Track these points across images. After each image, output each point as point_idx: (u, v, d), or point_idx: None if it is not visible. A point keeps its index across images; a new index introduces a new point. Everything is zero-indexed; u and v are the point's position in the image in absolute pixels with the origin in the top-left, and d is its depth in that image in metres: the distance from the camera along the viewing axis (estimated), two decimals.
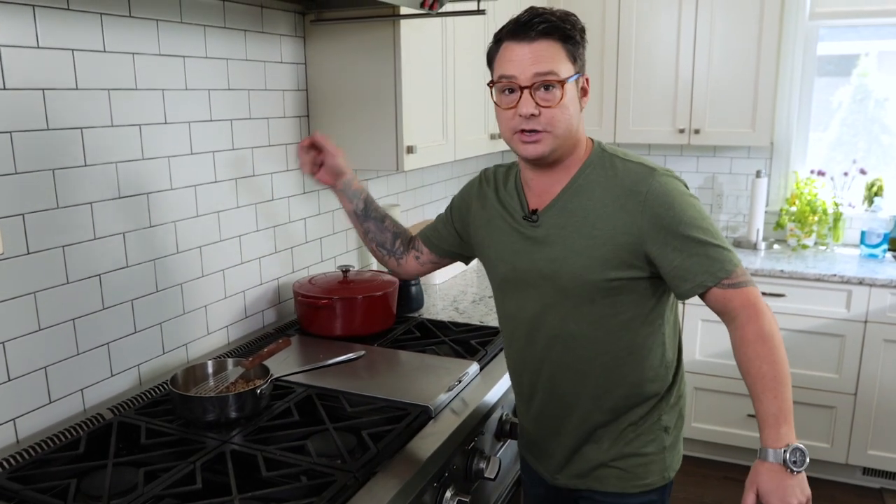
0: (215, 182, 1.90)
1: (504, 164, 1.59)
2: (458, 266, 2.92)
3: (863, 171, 3.30)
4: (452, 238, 1.67)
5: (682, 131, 3.31)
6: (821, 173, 3.36)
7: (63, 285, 1.51)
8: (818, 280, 2.99)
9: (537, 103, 1.32)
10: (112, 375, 1.65)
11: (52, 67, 1.45)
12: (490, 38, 1.40)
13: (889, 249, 3.27)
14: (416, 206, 3.03)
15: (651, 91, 3.36)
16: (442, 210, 3.27)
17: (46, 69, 1.44)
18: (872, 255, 3.23)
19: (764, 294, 3.04)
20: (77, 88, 1.50)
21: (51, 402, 1.51)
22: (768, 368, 1.26)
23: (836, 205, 3.35)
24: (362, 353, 1.73)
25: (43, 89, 1.43)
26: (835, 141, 3.54)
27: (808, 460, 1.22)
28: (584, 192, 1.39)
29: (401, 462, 1.38)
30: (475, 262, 3.07)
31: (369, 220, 1.72)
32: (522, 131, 1.35)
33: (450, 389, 1.66)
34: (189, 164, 1.81)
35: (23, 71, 1.39)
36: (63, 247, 1.51)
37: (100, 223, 1.58)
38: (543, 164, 1.40)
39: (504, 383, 1.79)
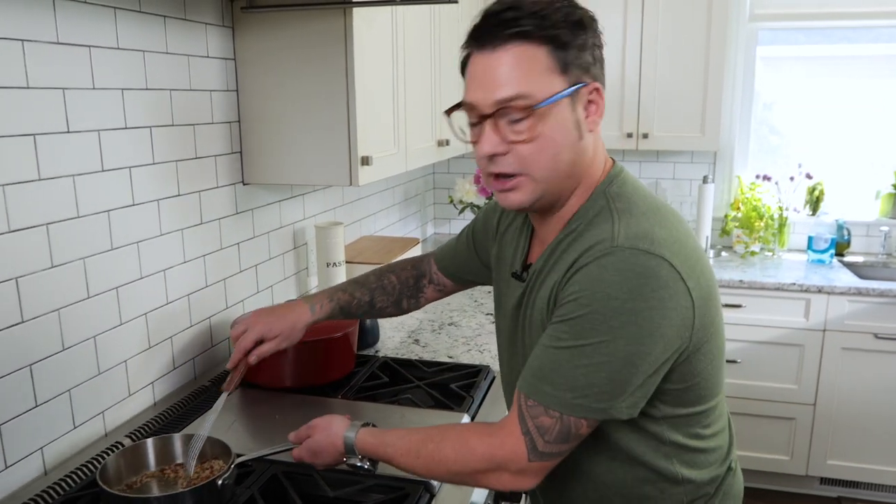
0: (133, 206, 1.52)
1: None
2: None
3: (808, 176, 3.26)
4: (478, 269, 1.41)
5: (630, 136, 3.14)
6: (766, 178, 3.29)
7: None
8: (778, 289, 2.89)
9: (505, 138, 0.97)
10: (6, 467, 1.24)
11: None
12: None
13: (836, 254, 3.25)
14: (354, 220, 2.70)
15: None
16: (379, 223, 2.99)
17: None
18: (820, 261, 3.18)
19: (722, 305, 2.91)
20: None
21: None
22: (420, 442, 1.06)
23: (781, 209, 3.29)
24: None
25: None
26: None
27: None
28: (569, 248, 1.01)
29: None
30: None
31: (356, 315, 1.48)
32: (495, 176, 1.00)
33: None
34: (100, 183, 1.42)
35: None
36: None
37: None
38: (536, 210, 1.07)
39: None
